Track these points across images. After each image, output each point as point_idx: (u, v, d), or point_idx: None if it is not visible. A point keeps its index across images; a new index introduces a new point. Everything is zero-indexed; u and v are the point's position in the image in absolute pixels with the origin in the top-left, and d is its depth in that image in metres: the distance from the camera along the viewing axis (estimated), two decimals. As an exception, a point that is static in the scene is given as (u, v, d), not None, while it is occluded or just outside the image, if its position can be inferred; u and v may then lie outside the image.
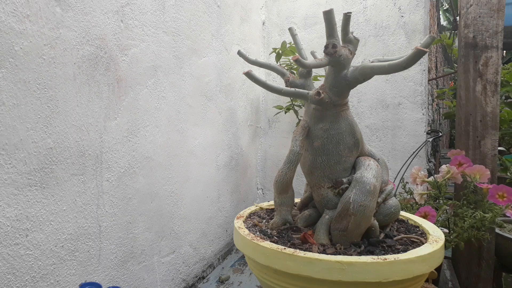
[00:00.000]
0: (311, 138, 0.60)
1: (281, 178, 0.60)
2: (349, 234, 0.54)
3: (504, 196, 0.73)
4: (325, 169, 0.59)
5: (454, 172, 0.79)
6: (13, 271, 0.54)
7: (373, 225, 0.57)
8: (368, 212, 0.53)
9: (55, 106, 0.60)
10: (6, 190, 0.52)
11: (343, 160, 0.59)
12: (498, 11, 0.97)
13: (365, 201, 0.53)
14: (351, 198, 0.54)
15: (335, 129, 0.58)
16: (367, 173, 0.56)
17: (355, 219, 0.53)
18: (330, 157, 0.59)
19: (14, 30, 0.52)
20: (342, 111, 0.58)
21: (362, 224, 0.54)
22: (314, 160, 0.60)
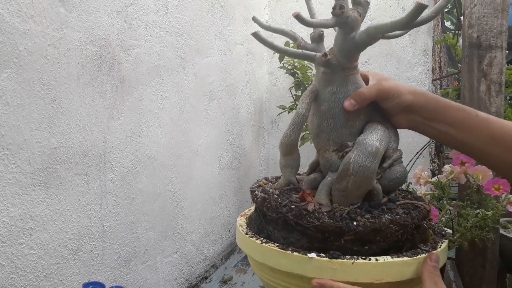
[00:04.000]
0: (319, 101, 0.59)
1: (285, 140, 0.60)
2: (349, 195, 0.54)
3: (500, 188, 0.73)
4: (330, 133, 0.58)
5: (457, 172, 0.79)
6: (17, 270, 0.54)
7: (375, 189, 0.56)
8: (368, 173, 0.53)
9: (59, 106, 0.60)
10: (10, 189, 0.53)
11: (350, 124, 0.57)
12: (502, 10, 0.97)
13: (365, 162, 0.52)
14: (351, 158, 0.53)
15: (343, 93, 0.57)
16: (371, 136, 0.55)
17: (354, 179, 0.53)
18: (336, 121, 0.57)
19: (19, 31, 0.53)
20: (351, 74, 0.57)
21: (362, 186, 0.54)
22: (320, 123, 0.59)
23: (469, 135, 0.52)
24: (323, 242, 0.50)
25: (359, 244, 0.50)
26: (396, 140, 0.60)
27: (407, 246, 0.53)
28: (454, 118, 0.53)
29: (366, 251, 0.50)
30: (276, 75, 1.54)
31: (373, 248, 0.50)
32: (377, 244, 0.50)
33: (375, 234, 0.49)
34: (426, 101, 0.54)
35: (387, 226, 0.49)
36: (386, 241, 0.50)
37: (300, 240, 0.52)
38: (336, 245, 0.50)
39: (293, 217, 0.52)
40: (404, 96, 0.55)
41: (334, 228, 0.49)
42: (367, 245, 0.50)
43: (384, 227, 0.49)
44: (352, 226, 0.49)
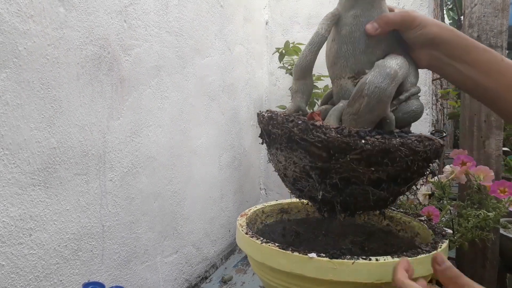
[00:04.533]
0: (340, 26, 0.55)
1: (300, 61, 0.56)
2: (360, 119, 0.50)
3: (505, 191, 0.73)
4: (349, 58, 0.54)
5: (458, 172, 0.79)
6: (17, 270, 0.54)
7: (388, 117, 0.52)
8: (383, 96, 0.49)
9: (59, 106, 0.60)
10: (10, 189, 0.53)
11: (369, 51, 0.54)
12: (502, 10, 0.97)
13: (382, 84, 0.49)
14: (367, 79, 0.50)
15: (366, 16, 0.53)
16: (390, 60, 0.52)
17: (368, 101, 0.49)
18: (355, 46, 0.54)
19: (18, 30, 0.52)
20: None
21: (375, 110, 0.50)
22: (339, 48, 0.55)
23: (492, 79, 0.49)
24: (327, 160, 0.47)
25: (365, 164, 0.46)
26: (416, 77, 0.56)
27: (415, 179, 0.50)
28: (478, 59, 0.50)
29: (371, 174, 0.47)
30: (276, 75, 1.54)
31: (379, 172, 0.47)
32: (384, 168, 0.47)
33: (383, 155, 0.46)
34: (453, 36, 0.51)
35: (397, 148, 0.46)
36: (394, 165, 0.47)
37: (303, 159, 0.49)
38: (340, 163, 0.46)
39: (298, 131, 0.49)
40: (430, 27, 0.51)
41: (340, 143, 0.46)
42: (373, 166, 0.47)
43: (394, 148, 0.46)
44: (360, 143, 0.46)
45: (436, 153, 0.50)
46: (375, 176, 0.47)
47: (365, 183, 0.48)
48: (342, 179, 0.48)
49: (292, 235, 0.73)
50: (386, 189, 0.49)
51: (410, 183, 0.50)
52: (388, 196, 0.49)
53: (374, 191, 0.48)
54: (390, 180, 0.48)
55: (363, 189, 0.48)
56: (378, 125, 0.52)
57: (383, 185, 0.48)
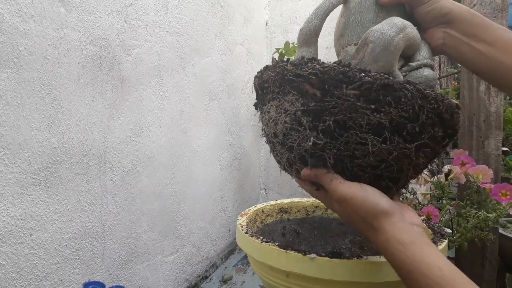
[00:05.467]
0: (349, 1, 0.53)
1: (304, 25, 0.52)
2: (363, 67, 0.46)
3: (507, 194, 0.73)
4: (356, 28, 0.51)
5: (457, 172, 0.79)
6: (17, 270, 0.54)
7: (395, 75, 0.47)
8: (390, 45, 0.44)
9: (59, 106, 0.60)
10: (11, 189, 0.53)
11: (379, 20, 0.50)
12: (502, 10, 0.97)
13: (389, 31, 0.45)
14: (374, 27, 0.46)
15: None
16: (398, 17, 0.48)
17: (372, 47, 0.45)
18: (364, 15, 0.51)
19: (19, 31, 0.53)
20: None
21: (380, 59, 0.45)
22: (347, 20, 0.52)
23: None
24: (321, 99, 0.42)
25: (364, 101, 0.41)
26: (429, 53, 0.52)
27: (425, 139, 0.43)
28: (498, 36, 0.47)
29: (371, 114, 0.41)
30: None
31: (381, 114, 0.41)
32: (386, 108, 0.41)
33: (386, 93, 0.41)
34: (469, 13, 0.48)
35: (403, 85, 0.41)
36: (398, 107, 0.41)
37: (294, 103, 0.45)
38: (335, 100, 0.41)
39: (292, 67, 0.44)
40: (443, 1, 0.49)
41: (337, 73, 0.41)
42: (374, 104, 0.41)
43: (398, 85, 0.40)
44: (359, 75, 0.41)
45: (450, 111, 0.45)
46: (376, 120, 0.41)
47: (364, 129, 0.41)
48: (337, 122, 0.42)
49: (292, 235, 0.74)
50: (389, 142, 0.42)
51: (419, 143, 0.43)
52: (391, 151, 0.42)
53: (374, 142, 0.42)
54: (394, 130, 0.42)
55: (361, 138, 0.42)
56: None
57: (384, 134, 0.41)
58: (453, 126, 0.48)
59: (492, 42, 0.47)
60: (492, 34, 0.47)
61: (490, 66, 0.48)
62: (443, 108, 0.44)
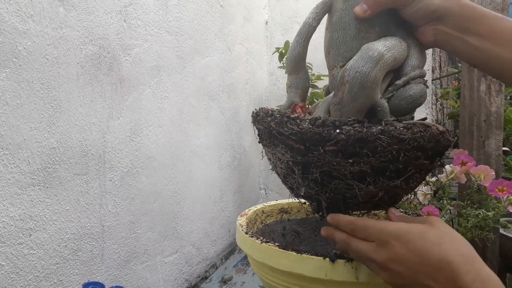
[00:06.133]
0: (332, 13, 0.53)
1: (289, 54, 0.53)
2: (344, 108, 0.47)
3: (504, 190, 0.73)
4: (340, 46, 0.51)
5: (457, 172, 0.79)
6: (17, 271, 0.54)
7: (379, 105, 0.48)
8: (365, 81, 0.45)
9: (58, 106, 0.60)
10: (10, 189, 0.53)
11: (361, 35, 0.50)
12: (502, 10, 0.97)
13: (363, 68, 0.45)
14: (349, 64, 0.46)
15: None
16: (377, 42, 0.47)
17: (350, 88, 0.45)
18: (346, 32, 0.50)
19: (18, 30, 0.52)
20: None
21: (359, 97, 0.46)
22: (331, 36, 0.52)
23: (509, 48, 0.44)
24: (305, 154, 0.45)
25: (342, 156, 0.43)
26: (419, 59, 0.51)
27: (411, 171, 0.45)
28: (491, 28, 0.45)
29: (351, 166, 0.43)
30: (276, 75, 1.54)
31: (360, 164, 0.43)
32: (364, 159, 0.42)
33: (362, 145, 0.42)
34: (458, 6, 0.46)
35: (376, 137, 0.42)
36: (376, 156, 0.42)
37: (285, 154, 0.47)
38: (316, 156, 0.44)
39: (275, 125, 0.47)
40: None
41: (313, 134, 0.43)
42: (352, 158, 0.43)
43: (372, 137, 0.42)
44: (334, 133, 0.43)
45: (434, 141, 0.45)
46: (357, 169, 0.43)
47: (349, 177, 0.44)
48: (324, 173, 0.44)
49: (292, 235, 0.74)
50: (373, 184, 0.44)
51: (405, 177, 0.44)
52: (378, 191, 0.44)
53: (360, 186, 0.44)
54: (376, 173, 0.43)
55: (348, 184, 0.44)
56: (372, 115, 0.49)
57: (368, 179, 0.43)
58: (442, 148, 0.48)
59: (484, 34, 0.45)
60: (484, 26, 0.45)
61: (485, 59, 0.46)
62: (424, 142, 0.44)
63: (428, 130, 0.45)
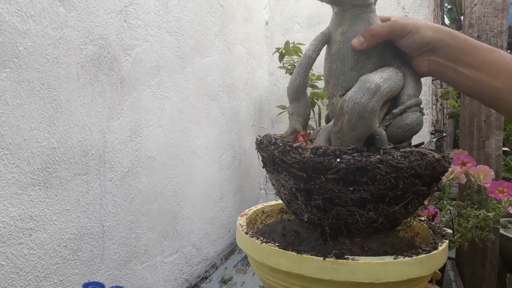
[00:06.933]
0: (331, 45, 0.55)
1: (290, 84, 0.56)
2: (344, 137, 0.49)
3: (504, 191, 0.73)
4: (339, 77, 0.54)
5: (457, 172, 0.79)
6: (17, 271, 0.54)
7: (377, 133, 0.50)
8: (364, 112, 0.47)
9: (59, 106, 0.60)
10: (10, 189, 0.53)
11: (359, 66, 0.52)
12: (502, 10, 0.97)
13: (361, 99, 0.47)
14: (347, 95, 0.49)
15: (353, 32, 0.52)
16: (374, 74, 0.50)
17: (349, 118, 0.48)
18: (344, 63, 0.53)
19: (18, 30, 0.52)
20: (363, 12, 0.52)
21: (358, 126, 0.48)
22: (330, 67, 0.55)
23: (501, 79, 0.45)
24: (307, 182, 0.47)
25: (343, 184, 0.45)
26: (415, 88, 0.54)
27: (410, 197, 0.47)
28: (484, 60, 0.46)
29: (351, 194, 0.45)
30: (276, 75, 1.54)
31: (361, 192, 0.45)
32: (364, 187, 0.45)
33: (361, 174, 0.45)
34: (451, 38, 0.48)
35: (375, 166, 0.44)
36: (375, 184, 0.45)
37: (288, 181, 0.49)
38: (318, 184, 0.46)
39: (278, 154, 0.49)
40: (423, 31, 0.48)
41: (314, 163, 0.45)
42: (352, 186, 0.45)
43: (371, 166, 0.44)
44: (335, 162, 0.45)
45: (430, 168, 0.47)
46: (358, 196, 0.45)
47: (350, 204, 0.46)
48: (326, 200, 0.47)
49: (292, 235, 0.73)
50: (374, 210, 0.46)
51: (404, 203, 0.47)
52: (378, 217, 0.47)
53: (361, 212, 0.46)
54: (376, 200, 0.46)
55: (349, 210, 0.47)
56: (371, 142, 0.51)
57: (368, 205, 0.46)
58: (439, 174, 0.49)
59: (477, 65, 0.47)
60: (476, 57, 0.47)
61: (479, 89, 0.48)
62: (421, 169, 0.46)
63: (424, 158, 0.47)
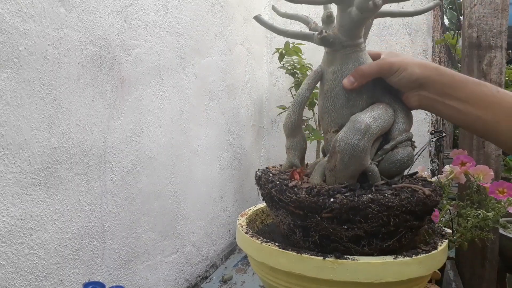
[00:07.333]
0: (323, 82, 0.57)
1: (286, 121, 0.59)
2: (337, 174, 0.52)
3: (504, 192, 0.73)
4: (331, 114, 0.56)
5: (457, 172, 0.79)
6: (17, 270, 0.54)
7: (370, 170, 0.52)
8: (355, 151, 0.50)
9: (59, 106, 0.60)
10: (11, 189, 0.53)
11: (351, 104, 0.54)
12: (502, 10, 0.97)
13: (352, 140, 0.50)
14: (339, 135, 0.51)
15: (343, 71, 0.54)
16: (364, 113, 0.52)
17: (341, 157, 0.50)
18: (336, 101, 0.55)
19: (19, 31, 0.53)
20: (353, 52, 0.54)
21: (350, 165, 0.51)
22: (323, 104, 0.57)
23: (490, 111, 0.47)
24: (304, 219, 0.49)
25: (337, 222, 0.48)
26: (406, 122, 0.55)
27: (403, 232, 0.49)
28: (471, 93, 0.48)
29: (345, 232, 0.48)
30: (276, 75, 1.54)
31: (354, 229, 0.48)
32: (358, 225, 0.47)
33: (354, 213, 0.47)
34: (438, 75, 0.50)
35: (367, 205, 0.46)
36: (368, 222, 0.47)
37: (286, 217, 0.52)
38: (314, 222, 0.48)
39: (276, 192, 0.52)
40: (411, 69, 0.50)
41: (309, 203, 0.48)
42: (346, 224, 0.48)
43: (363, 206, 0.46)
44: (328, 202, 0.47)
45: (421, 204, 0.48)
46: (352, 234, 0.47)
47: (345, 240, 0.48)
48: (322, 237, 0.49)
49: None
50: (368, 245, 0.48)
51: (398, 237, 0.49)
52: (372, 252, 0.49)
53: (356, 248, 0.48)
54: (370, 236, 0.48)
55: (345, 246, 0.48)
56: (364, 178, 0.53)
57: (362, 241, 0.48)
58: (430, 208, 0.51)
59: (465, 99, 0.48)
60: (464, 91, 0.48)
61: (468, 121, 0.50)
62: (412, 206, 0.48)
63: (415, 195, 0.49)
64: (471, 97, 0.48)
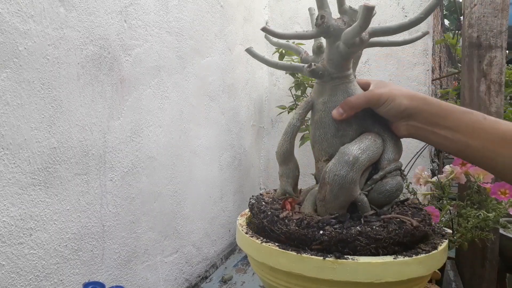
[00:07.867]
0: (314, 112, 0.60)
1: (278, 149, 0.61)
2: (328, 205, 0.53)
3: (506, 193, 0.73)
4: (322, 143, 0.58)
5: (457, 172, 0.79)
6: (17, 270, 0.54)
7: (359, 200, 0.54)
8: (344, 183, 0.51)
9: (59, 106, 0.60)
10: (10, 189, 0.53)
11: (340, 134, 0.57)
12: (502, 10, 0.97)
13: (341, 171, 0.51)
14: (328, 167, 0.53)
15: (333, 102, 0.56)
16: (353, 145, 0.54)
17: (331, 189, 0.52)
18: (326, 130, 0.57)
19: (19, 30, 0.53)
20: (342, 84, 0.56)
21: (340, 196, 0.52)
22: (314, 134, 0.59)
23: (477, 138, 0.48)
24: (296, 249, 0.50)
25: (327, 253, 0.48)
26: (395, 152, 0.57)
27: None
28: (459, 121, 0.49)
29: None
30: (276, 75, 1.54)
31: None
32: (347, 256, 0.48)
33: (343, 245, 0.48)
34: (426, 105, 0.51)
35: (355, 238, 0.48)
36: (357, 254, 0.48)
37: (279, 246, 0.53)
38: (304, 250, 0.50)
39: (267, 223, 0.54)
40: (399, 100, 0.52)
41: (299, 235, 0.50)
42: None
43: (351, 238, 0.48)
44: (318, 234, 0.49)
45: (409, 235, 0.49)
46: None
47: None
48: None
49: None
50: None
51: None
52: None
53: None
54: None
55: None
56: (354, 208, 0.54)
57: None
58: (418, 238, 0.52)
59: (454, 127, 0.49)
60: (451, 120, 0.49)
61: (458, 148, 0.50)
62: (399, 238, 0.49)
63: (403, 226, 0.50)
64: (459, 125, 0.49)
